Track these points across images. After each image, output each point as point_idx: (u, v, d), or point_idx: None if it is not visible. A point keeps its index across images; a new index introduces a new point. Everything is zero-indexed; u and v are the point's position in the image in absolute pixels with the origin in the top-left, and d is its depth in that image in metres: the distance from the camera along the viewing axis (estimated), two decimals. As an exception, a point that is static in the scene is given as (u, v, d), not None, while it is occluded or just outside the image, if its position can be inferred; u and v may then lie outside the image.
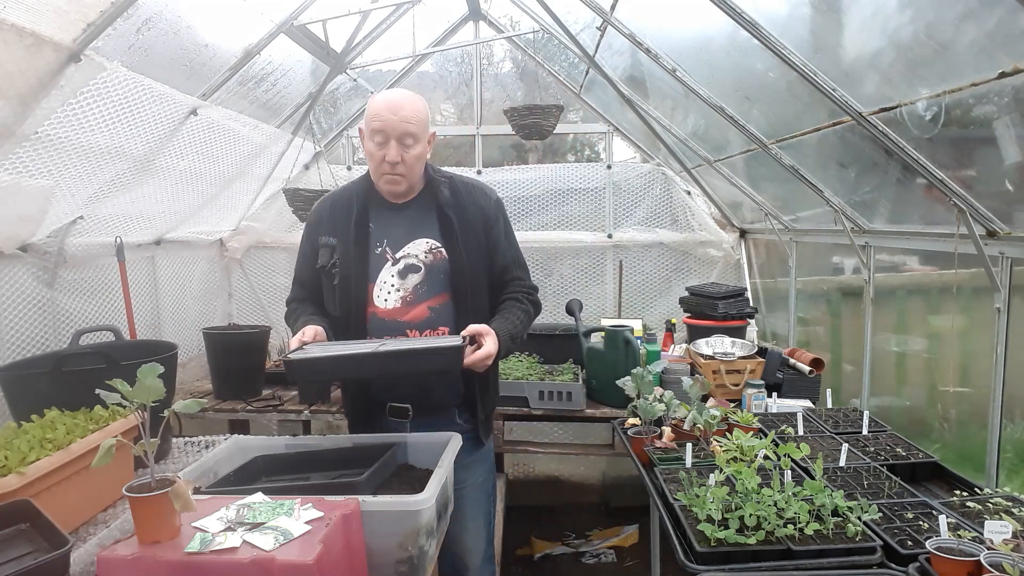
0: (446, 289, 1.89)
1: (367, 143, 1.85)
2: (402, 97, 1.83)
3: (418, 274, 1.88)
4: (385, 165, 1.81)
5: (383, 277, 1.89)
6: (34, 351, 2.47)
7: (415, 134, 1.81)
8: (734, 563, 1.50)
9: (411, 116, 1.79)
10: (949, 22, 1.51)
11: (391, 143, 1.79)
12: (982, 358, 2.07)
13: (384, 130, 1.79)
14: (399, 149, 1.79)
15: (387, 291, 1.88)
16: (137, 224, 3.04)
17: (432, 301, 1.89)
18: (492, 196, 2.00)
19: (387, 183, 1.86)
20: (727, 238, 4.05)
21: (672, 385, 2.78)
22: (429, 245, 1.90)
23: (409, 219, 1.93)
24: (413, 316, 1.87)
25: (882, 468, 1.93)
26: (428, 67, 4.30)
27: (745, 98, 2.63)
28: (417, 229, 1.91)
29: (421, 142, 1.84)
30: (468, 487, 1.98)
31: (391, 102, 1.81)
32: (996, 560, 1.32)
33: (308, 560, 1.11)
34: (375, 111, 1.81)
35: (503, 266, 1.98)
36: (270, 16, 2.73)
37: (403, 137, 1.79)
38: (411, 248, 1.90)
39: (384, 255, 1.90)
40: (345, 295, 1.87)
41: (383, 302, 1.88)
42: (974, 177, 1.92)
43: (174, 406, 1.28)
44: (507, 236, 2.01)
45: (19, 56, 1.74)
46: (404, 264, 1.89)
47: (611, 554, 3.55)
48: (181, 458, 2.11)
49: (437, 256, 1.90)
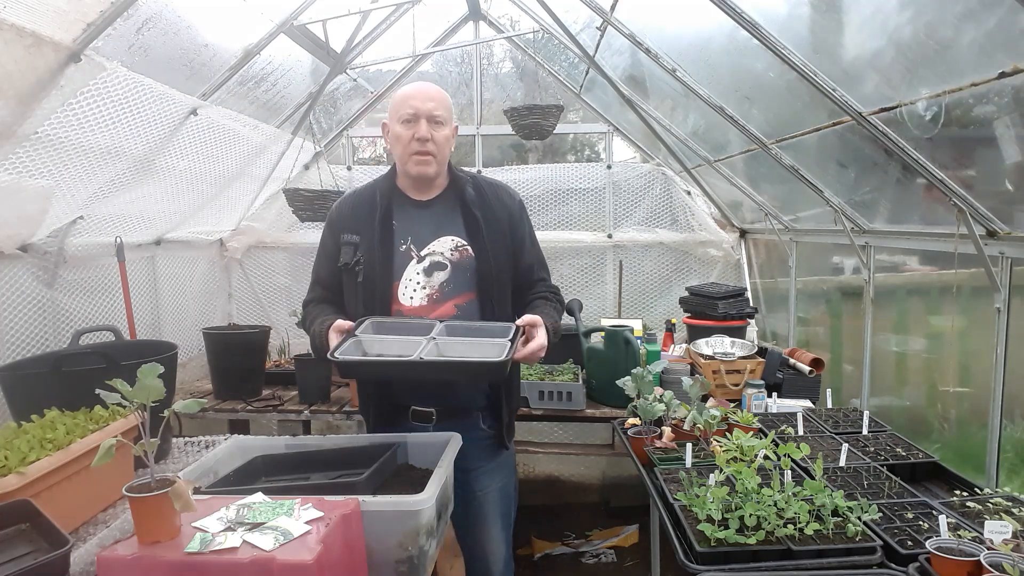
0: (472, 287, 1.89)
1: (395, 129, 1.86)
2: (428, 85, 1.89)
3: (444, 272, 1.88)
4: (415, 143, 1.82)
5: (408, 275, 1.87)
6: (34, 351, 2.47)
7: (443, 117, 1.84)
8: (734, 563, 1.50)
9: (438, 99, 1.84)
10: (949, 22, 1.51)
11: (421, 121, 1.81)
12: (982, 358, 2.07)
13: (414, 111, 1.81)
14: (429, 127, 1.82)
15: (412, 288, 1.87)
16: (137, 224, 3.04)
17: (458, 299, 1.88)
18: (516, 197, 2.02)
19: (417, 163, 1.84)
20: (727, 238, 4.05)
21: (672, 385, 2.78)
22: (455, 243, 1.89)
23: (434, 216, 1.92)
24: (440, 314, 1.86)
25: (882, 468, 1.93)
26: (428, 67, 4.30)
27: (745, 98, 2.63)
28: (442, 226, 1.91)
29: (448, 126, 1.87)
30: (492, 491, 1.98)
31: (418, 87, 1.86)
32: (996, 560, 1.32)
33: (308, 560, 1.11)
34: (403, 98, 1.84)
35: (528, 266, 1.99)
36: (270, 16, 2.73)
37: (432, 118, 1.82)
38: (436, 245, 1.89)
39: (409, 252, 1.88)
40: (369, 293, 1.86)
41: (408, 299, 1.87)
42: (974, 177, 1.92)
43: (174, 406, 1.28)
44: (531, 236, 2.02)
45: (19, 56, 1.74)
46: (429, 261, 1.88)
47: (611, 554, 3.55)
48: (181, 458, 2.10)
49: (463, 254, 1.89)
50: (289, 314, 3.57)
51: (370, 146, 4.81)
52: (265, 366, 3.30)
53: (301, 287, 4.18)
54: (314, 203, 3.29)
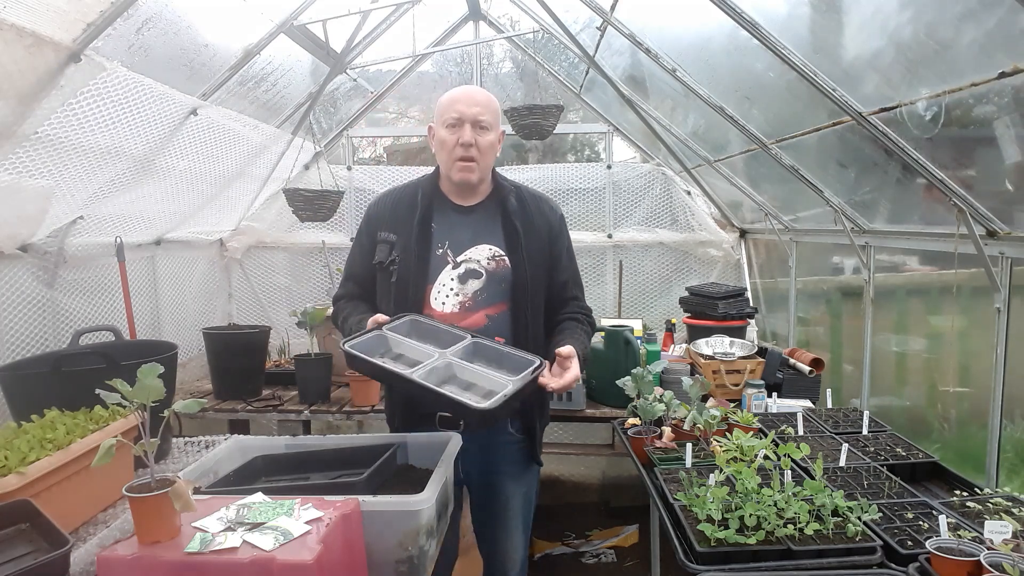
0: (505, 299, 1.87)
1: (439, 133, 1.85)
2: (475, 89, 1.88)
3: (479, 280, 1.86)
4: (459, 149, 1.81)
5: (442, 280, 1.86)
6: (34, 351, 2.47)
7: (488, 122, 1.83)
8: (734, 563, 1.50)
9: (484, 104, 1.84)
10: (949, 22, 1.51)
11: (465, 126, 1.81)
12: (982, 358, 2.07)
13: (459, 116, 1.81)
14: (473, 132, 1.81)
15: (445, 294, 1.86)
16: (137, 224, 3.04)
17: (491, 309, 1.87)
18: (558, 211, 2.01)
19: (460, 170, 1.83)
20: (727, 238, 4.05)
21: (672, 385, 2.78)
22: (492, 252, 1.88)
23: (474, 223, 1.91)
24: (471, 323, 1.85)
25: (882, 468, 1.93)
26: (428, 67, 4.30)
27: (745, 98, 2.63)
28: (481, 234, 1.89)
29: (494, 131, 1.86)
30: (518, 497, 1.98)
31: (465, 91, 1.86)
32: (996, 560, 1.32)
33: (308, 560, 1.11)
34: (449, 101, 1.84)
35: (562, 282, 1.97)
36: (270, 16, 2.73)
37: (477, 123, 1.81)
38: (473, 253, 1.87)
39: (445, 257, 1.87)
40: (401, 294, 1.84)
41: (440, 305, 1.85)
42: (974, 177, 1.92)
43: (174, 406, 1.28)
44: (568, 252, 2.01)
45: (19, 56, 1.74)
46: (465, 268, 1.86)
47: (611, 554, 3.55)
48: (181, 458, 2.10)
49: (500, 264, 1.87)
50: (289, 314, 3.56)
51: (370, 146, 4.82)
52: (265, 366, 3.30)
53: (301, 287, 4.21)
54: (314, 203, 3.29)
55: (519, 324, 1.86)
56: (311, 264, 4.22)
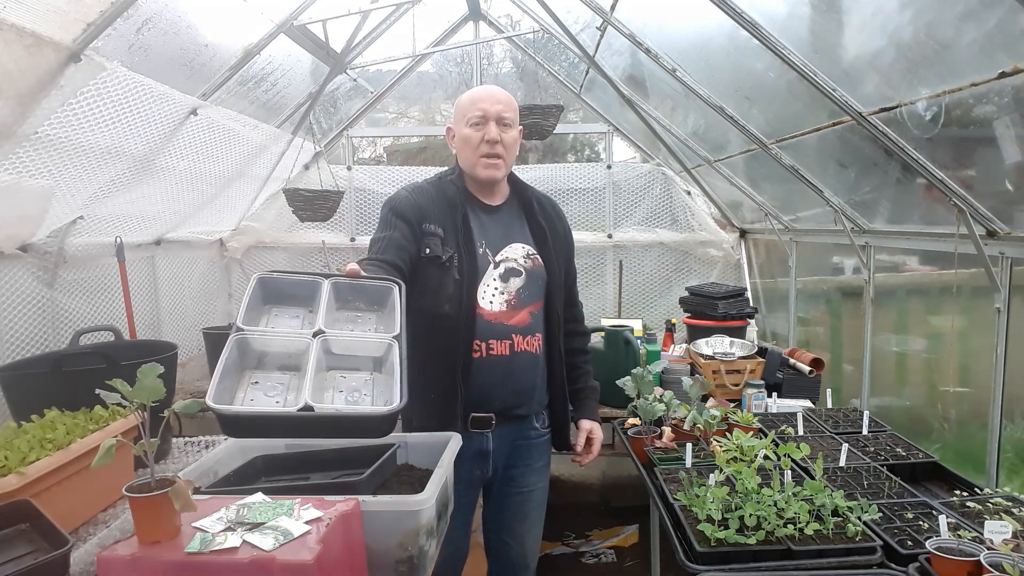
0: (541, 296, 1.91)
1: (462, 132, 1.85)
2: (495, 88, 1.90)
3: (520, 278, 1.88)
4: (485, 145, 1.82)
5: (487, 279, 1.86)
6: (34, 351, 2.47)
7: (510, 119, 1.86)
8: (734, 563, 1.50)
9: (506, 102, 1.86)
10: (949, 22, 1.51)
11: (490, 123, 1.82)
12: (982, 358, 2.07)
13: (483, 114, 1.82)
14: (498, 129, 1.83)
15: (492, 293, 1.85)
16: (137, 224, 3.04)
17: (532, 307, 1.89)
18: (565, 218, 2.08)
19: (485, 167, 1.84)
20: (727, 238, 4.05)
21: (672, 385, 2.78)
22: (526, 250, 1.91)
23: (503, 222, 1.92)
24: (518, 321, 1.86)
25: (882, 468, 1.93)
26: (428, 67, 4.30)
27: (745, 98, 2.63)
28: (511, 233, 1.92)
29: (515, 128, 1.89)
30: (538, 491, 2.01)
31: (487, 90, 1.88)
32: (996, 560, 1.32)
33: (308, 560, 1.11)
34: (470, 101, 1.85)
35: (569, 286, 2.05)
36: (270, 16, 2.73)
37: (501, 119, 1.83)
38: (509, 252, 1.89)
39: (486, 256, 1.87)
40: (456, 294, 1.80)
41: (488, 304, 1.84)
42: (974, 177, 1.92)
43: (174, 406, 1.28)
44: (573, 256, 2.08)
45: (19, 56, 1.74)
46: (504, 268, 1.87)
47: (611, 554, 3.55)
48: (181, 458, 2.10)
49: (535, 262, 1.91)
50: (289, 314, 3.56)
51: (370, 146, 4.82)
52: (265, 366, 3.29)
53: (301, 287, 4.21)
54: (314, 203, 3.29)
55: (551, 320, 1.92)
56: (311, 264, 4.22)
